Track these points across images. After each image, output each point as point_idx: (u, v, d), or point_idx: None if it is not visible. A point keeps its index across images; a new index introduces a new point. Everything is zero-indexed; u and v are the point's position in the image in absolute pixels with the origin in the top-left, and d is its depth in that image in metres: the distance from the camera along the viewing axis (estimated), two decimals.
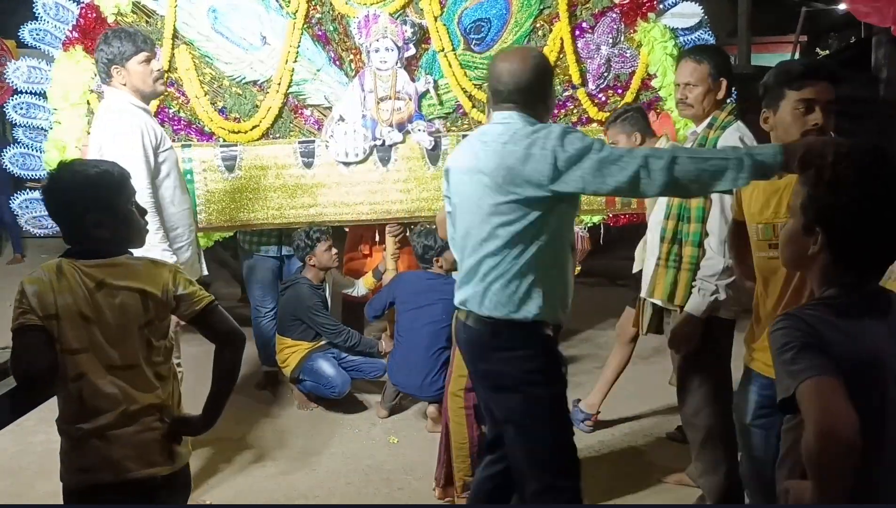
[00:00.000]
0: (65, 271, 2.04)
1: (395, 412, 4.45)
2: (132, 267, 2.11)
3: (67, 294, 2.02)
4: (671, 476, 3.65)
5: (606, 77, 4.34)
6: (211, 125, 4.17)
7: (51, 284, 2.02)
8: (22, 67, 4.09)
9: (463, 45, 4.22)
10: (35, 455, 3.79)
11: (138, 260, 2.16)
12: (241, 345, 2.24)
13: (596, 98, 4.34)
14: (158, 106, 4.05)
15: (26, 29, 4.11)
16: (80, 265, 2.05)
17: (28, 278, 2.05)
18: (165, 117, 4.09)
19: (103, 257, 2.09)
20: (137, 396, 2.07)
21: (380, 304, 4.39)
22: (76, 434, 2.05)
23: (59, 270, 2.04)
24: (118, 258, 2.11)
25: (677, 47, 4.28)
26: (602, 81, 4.33)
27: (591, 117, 4.33)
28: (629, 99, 4.34)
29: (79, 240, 2.10)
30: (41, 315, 1.99)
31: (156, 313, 2.11)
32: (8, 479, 3.67)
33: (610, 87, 4.36)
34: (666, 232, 3.13)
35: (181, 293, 2.14)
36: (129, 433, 2.05)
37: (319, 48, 4.14)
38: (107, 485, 2.05)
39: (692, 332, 3.02)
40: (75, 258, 2.07)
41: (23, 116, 4.10)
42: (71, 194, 2.07)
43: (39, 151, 4.08)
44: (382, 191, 4.17)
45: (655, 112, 4.36)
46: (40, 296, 2.00)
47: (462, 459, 3.21)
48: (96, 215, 2.07)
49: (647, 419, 4.42)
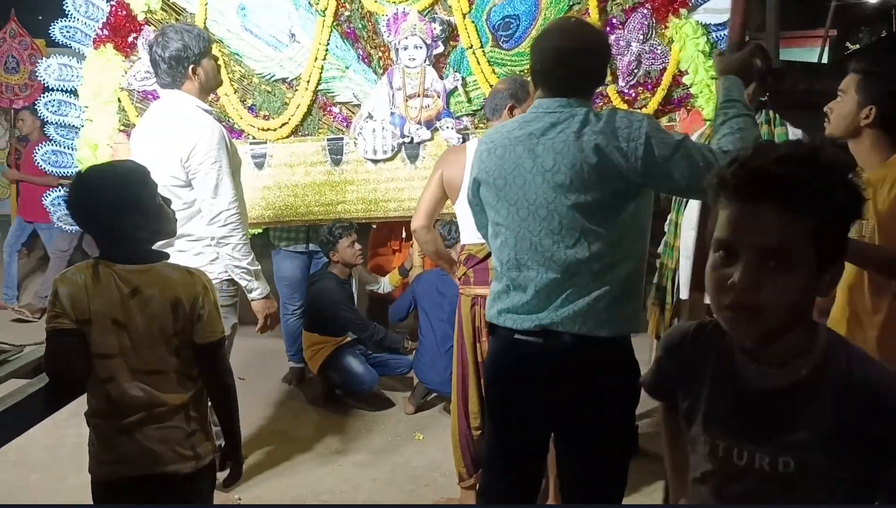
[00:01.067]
0: (100, 275, 2.04)
1: (422, 409, 4.46)
2: (167, 276, 2.11)
3: (101, 299, 2.03)
4: None
5: (637, 74, 4.30)
6: (240, 123, 4.18)
7: (85, 288, 2.02)
8: (53, 65, 4.12)
9: (491, 43, 4.21)
10: (67, 449, 3.85)
11: (174, 268, 2.15)
12: (230, 393, 2.25)
13: (626, 95, 4.30)
14: None
15: (57, 27, 4.15)
16: (116, 270, 2.05)
17: (61, 278, 2.05)
18: None
19: (139, 261, 2.09)
20: (165, 398, 2.09)
21: (403, 306, 4.42)
22: (103, 429, 2.08)
23: (94, 272, 2.04)
24: (155, 265, 2.11)
25: (709, 44, 4.24)
26: (632, 78, 4.30)
27: None
28: (660, 96, 4.30)
29: (114, 243, 2.08)
30: (74, 319, 2.01)
31: (183, 324, 2.11)
32: (42, 472, 3.73)
33: (640, 83, 4.32)
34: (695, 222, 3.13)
35: (204, 314, 2.12)
36: (154, 430, 2.08)
37: (348, 46, 4.14)
38: (132, 479, 2.07)
39: None
40: (111, 261, 2.07)
41: (54, 114, 4.13)
42: (108, 196, 2.05)
43: (71, 148, 4.12)
44: (410, 188, 4.17)
45: (686, 109, 4.33)
46: (74, 300, 2.01)
47: (456, 448, 3.27)
48: (134, 215, 2.06)
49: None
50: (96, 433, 2.10)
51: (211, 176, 3.06)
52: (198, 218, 3.15)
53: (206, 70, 3.17)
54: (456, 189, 3.17)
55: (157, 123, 3.17)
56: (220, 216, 3.09)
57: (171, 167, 3.06)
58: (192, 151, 3.04)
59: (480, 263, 3.17)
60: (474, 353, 3.18)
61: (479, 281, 3.17)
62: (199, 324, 2.12)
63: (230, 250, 3.13)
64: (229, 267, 3.14)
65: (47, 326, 2.03)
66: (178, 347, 2.10)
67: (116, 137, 4.09)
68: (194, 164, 3.05)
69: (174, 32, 3.13)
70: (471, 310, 3.19)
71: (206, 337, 2.13)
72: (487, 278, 3.14)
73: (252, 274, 3.19)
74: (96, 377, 2.05)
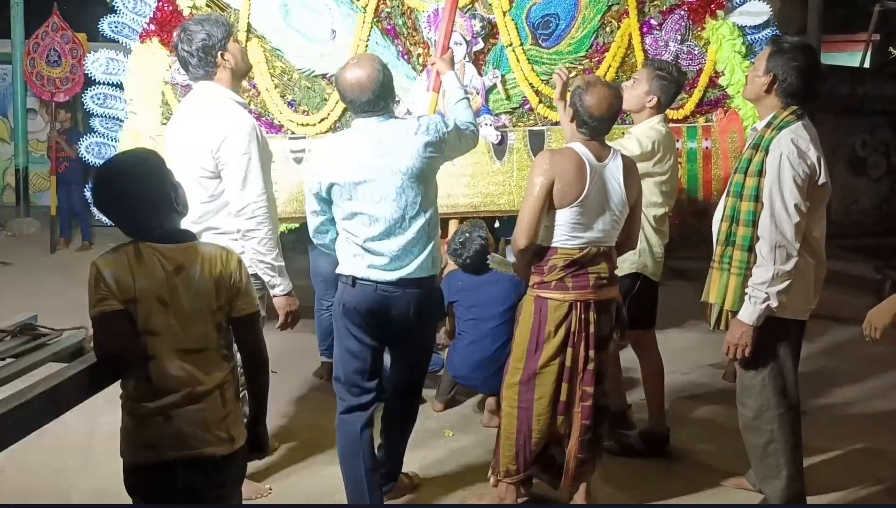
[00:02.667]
0: (143, 255, 2.06)
1: (451, 406, 4.46)
2: (207, 252, 2.15)
3: (146, 278, 2.05)
4: (730, 480, 3.60)
5: None
6: (280, 118, 4.23)
7: (129, 267, 2.04)
8: (101, 58, 4.21)
9: (531, 41, 4.21)
10: (103, 435, 3.89)
11: (211, 245, 2.21)
12: (265, 364, 2.29)
13: None
14: None
15: (105, 22, 4.23)
16: (158, 249, 2.08)
17: (101, 260, 2.06)
18: None
19: (178, 239, 2.12)
20: (203, 378, 2.10)
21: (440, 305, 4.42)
22: (140, 412, 2.08)
23: (136, 252, 2.06)
24: (193, 243, 2.15)
25: (745, 45, 4.22)
26: None
27: None
28: (696, 97, 4.28)
29: (153, 225, 2.10)
30: (120, 299, 2.02)
31: (225, 299, 2.15)
32: (78, 457, 3.79)
33: None
34: (720, 234, 3.09)
35: (242, 288, 2.17)
36: (191, 411, 2.09)
37: (388, 42, 4.17)
38: (168, 462, 2.08)
39: (745, 341, 2.98)
40: (152, 242, 2.09)
41: (100, 106, 4.22)
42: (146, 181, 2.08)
43: (115, 140, 4.19)
44: (447, 185, 4.18)
45: (723, 110, 4.30)
46: (119, 279, 2.02)
47: (508, 447, 3.23)
48: (171, 193, 2.11)
49: (706, 418, 4.37)
50: (132, 416, 2.11)
51: (240, 167, 3.03)
52: (224, 211, 3.14)
53: (234, 54, 3.15)
54: (569, 197, 3.04)
55: (190, 115, 3.17)
56: (247, 208, 3.07)
57: (201, 158, 3.06)
58: (222, 142, 3.03)
59: (580, 268, 3.09)
60: (561, 358, 3.12)
61: (578, 286, 3.08)
62: (238, 298, 2.16)
63: (256, 244, 3.09)
64: (254, 261, 3.09)
65: (93, 310, 2.03)
66: (220, 323, 2.14)
67: (159, 130, 4.14)
68: (224, 154, 3.03)
69: (194, 25, 3.13)
70: (566, 316, 3.09)
71: (244, 310, 2.18)
72: (588, 283, 3.09)
73: (276, 270, 3.17)
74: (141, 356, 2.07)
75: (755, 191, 2.95)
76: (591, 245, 3.09)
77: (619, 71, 4.23)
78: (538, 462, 3.27)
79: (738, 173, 3.04)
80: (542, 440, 3.19)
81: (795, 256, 2.91)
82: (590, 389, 3.13)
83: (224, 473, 2.17)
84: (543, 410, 3.16)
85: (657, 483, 3.64)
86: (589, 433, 3.16)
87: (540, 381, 3.15)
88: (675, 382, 4.98)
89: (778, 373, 3.07)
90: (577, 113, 3.08)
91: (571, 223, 3.06)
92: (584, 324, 3.10)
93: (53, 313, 2.84)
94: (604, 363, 3.18)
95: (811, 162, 2.91)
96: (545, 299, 3.13)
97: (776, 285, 2.90)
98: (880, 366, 5.33)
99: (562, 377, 3.13)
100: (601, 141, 3.13)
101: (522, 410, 3.18)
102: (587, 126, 3.07)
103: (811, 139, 2.94)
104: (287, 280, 3.24)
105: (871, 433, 4.22)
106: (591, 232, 3.09)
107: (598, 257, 3.11)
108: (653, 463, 3.86)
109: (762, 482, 3.19)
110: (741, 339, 2.99)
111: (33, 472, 3.61)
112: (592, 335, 3.11)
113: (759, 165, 2.95)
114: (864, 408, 4.61)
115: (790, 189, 2.88)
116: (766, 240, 2.91)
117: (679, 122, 4.29)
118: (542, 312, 3.13)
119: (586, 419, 3.14)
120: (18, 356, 2.30)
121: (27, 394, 1.93)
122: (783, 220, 2.89)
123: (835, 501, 3.48)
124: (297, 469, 3.74)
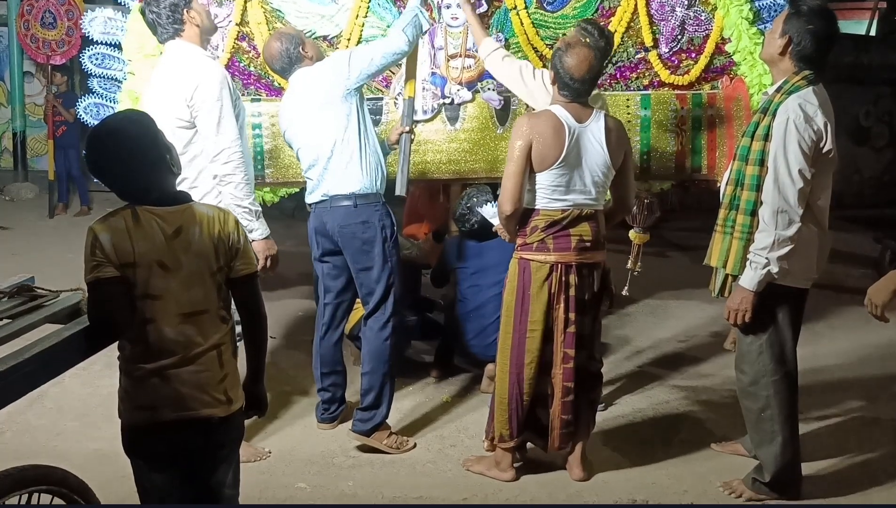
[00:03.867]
0: (141, 219, 2.04)
1: (451, 374, 4.47)
2: (205, 214, 2.14)
3: (145, 242, 2.03)
4: (726, 446, 3.63)
5: (680, 40, 4.23)
6: (279, 80, 4.16)
7: (127, 231, 2.02)
8: (99, 18, 4.12)
9: (535, 4, 4.13)
10: (102, 398, 3.92)
11: (208, 207, 2.20)
12: (264, 324, 2.29)
13: (668, 61, 4.22)
14: (229, 59, 4.06)
15: None
16: (157, 212, 2.06)
17: (98, 225, 2.04)
18: (236, 71, 4.10)
19: (175, 202, 2.11)
20: (201, 340, 2.10)
21: (443, 272, 4.41)
22: (137, 374, 2.08)
23: (134, 216, 2.04)
24: (190, 205, 2.13)
25: (752, 11, 4.15)
26: (675, 45, 4.22)
27: (663, 81, 4.23)
28: (702, 63, 4.23)
29: (150, 188, 2.08)
30: (118, 264, 2.00)
31: (225, 259, 2.14)
32: (77, 420, 3.82)
33: (683, 50, 4.24)
34: (725, 197, 3.09)
35: (240, 248, 2.17)
36: (188, 372, 2.09)
37: (390, 4, 4.09)
38: (165, 423, 2.08)
39: (745, 306, 2.99)
40: (149, 205, 2.07)
41: (98, 67, 4.15)
42: (142, 142, 2.07)
43: (113, 101, 4.13)
44: (449, 151, 4.14)
45: (729, 77, 4.26)
46: (116, 244, 2.01)
47: (501, 412, 3.26)
48: (166, 155, 2.10)
49: (704, 385, 4.39)
50: (129, 377, 2.11)
51: (213, 113, 3.20)
52: (200, 160, 3.27)
53: (198, 12, 3.33)
54: (549, 160, 3.05)
55: (164, 71, 3.34)
56: (222, 154, 3.22)
57: (176, 108, 3.22)
58: (195, 90, 3.19)
59: (562, 230, 3.12)
60: (546, 321, 3.16)
61: (560, 248, 3.12)
62: (236, 258, 2.16)
63: (232, 189, 3.23)
64: (230, 206, 3.14)
65: (88, 276, 2.02)
66: (219, 284, 2.14)
67: None
68: (198, 102, 3.20)
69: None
70: (547, 278, 3.12)
71: (243, 270, 2.18)
72: (569, 245, 3.12)
73: (253, 214, 3.29)
74: (135, 320, 2.05)
75: (760, 155, 2.94)
76: (574, 207, 3.12)
77: (625, 35, 4.19)
78: (530, 427, 3.29)
79: (746, 137, 3.03)
80: (531, 403, 3.23)
81: (798, 222, 2.89)
82: (570, 351, 3.17)
83: (222, 434, 2.17)
84: (532, 373, 3.19)
85: (655, 447, 3.67)
86: (570, 396, 3.20)
87: (529, 345, 3.17)
88: (675, 350, 5.01)
89: (776, 340, 3.08)
90: (557, 75, 3.08)
91: (552, 186, 3.08)
92: (565, 286, 3.13)
93: (52, 278, 2.83)
94: (584, 327, 3.20)
95: (818, 128, 2.89)
96: (528, 261, 3.17)
97: (777, 251, 2.89)
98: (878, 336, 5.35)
99: (546, 339, 3.16)
100: (583, 103, 3.13)
101: (513, 374, 3.22)
102: (568, 88, 3.07)
103: (820, 105, 2.92)
104: (264, 225, 3.38)
105: (868, 402, 4.24)
106: (573, 194, 3.11)
107: (581, 219, 3.13)
108: (649, 428, 3.89)
109: (757, 447, 3.21)
110: (741, 304, 2.99)
111: (33, 434, 3.64)
112: (573, 298, 3.14)
113: (766, 128, 2.94)
114: (862, 376, 4.63)
115: (795, 154, 2.87)
116: (769, 205, 2.90)
117: (684, 88, 4.24)
118: (525, 274, 3.17)
119: (568, 381, 3.18)
120: (15, 317, 2.28)
121: (23, 355, 1.91)
122: (786, 185, 2.87)
123: (829, 467, 3.51)
124: (296, 433, 3.76)
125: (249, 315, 2.26)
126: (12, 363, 1.87)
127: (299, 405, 4.04)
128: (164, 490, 2.14)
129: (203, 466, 2.18)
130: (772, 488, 3.15)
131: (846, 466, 3.52)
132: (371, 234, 3.47)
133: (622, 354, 4.91)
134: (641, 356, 4.89)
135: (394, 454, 3.54)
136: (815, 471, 3.41)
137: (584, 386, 3.26)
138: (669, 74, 4.22)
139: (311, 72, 3.50)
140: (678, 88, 4.23)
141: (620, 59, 4.21)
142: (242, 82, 4.13)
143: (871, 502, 3.23)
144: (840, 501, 3.23)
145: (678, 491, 3.29)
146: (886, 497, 3.27)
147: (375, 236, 3.48)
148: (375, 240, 3.48)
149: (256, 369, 2.31)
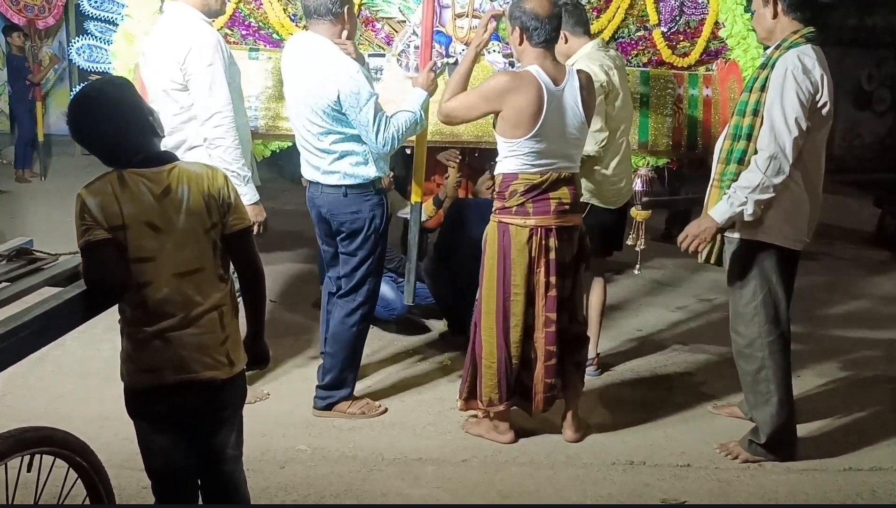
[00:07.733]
0: (127, 181, 2.03)
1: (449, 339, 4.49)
2: (192, 172, 2.12)
3: (133, 203, 2.02)
4: (723, 408, 3.66)
5: (678, 21, 4.25)
6: (282, 31, 4.09)
7: (114, 194, 2.01)
8: None
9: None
10: (103, 361, 3.92)
11: (194, 165, 2.18)
12: (261, 278, 2.27)
13: (669, 40, 4.24)
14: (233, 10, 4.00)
15: None
16: (143, 173, 2.05)
17: (86, 190, 2.03)
18: (236, 21, 4.04)
19: (161, 162, 2.09)
20: (201, 299, 2.09)
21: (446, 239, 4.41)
22: (138, 337, 2.08)
23: (120, 179, 2.03)
24: (176, 164, 2.12)
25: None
26: (674, 25, 4.25)
27: (663, 59, 4.25)
28: (700, 46, 4.28)
29: (134, 151, 2.07)
30: (107, 227, 1.99)
31: (218, 216, 2.12)
32: (78, 383, 3.82)
33: (680, 31, 4.27)
34: (721, 152, 3.10)
35: (232, 203, 2.15)
36: (189, 334, 2.08)
37: None
38: (169, 385, 2.08)
39: (705, 236, 3.01)
40: (135, 168, 2.06)
41: (97, 10, 4.08)
42: (125, 106, 2.06)
43: (107, 43, 4.06)
44: None
45: (723, 61, 4.28)
46: (104, 208, 2.00)
47: (490, 377, 3.27)
48: (148, 116, 2.09)
49: (703, 350, 4.41)
50: (131, 340, 2.11)
51: (205, 77, 3.21)
52: (194, 123, 3.28)
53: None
54: (527, 126, 3.06)
55: (161, 32, 3.35)
56: (213, 118, 3.23)
57: (170, 71, 3.25)
58: (188, 54, 3.21)
59: (541, 193, 3.12)
60: (527, 284, 3.16)
61: (539, 211, 3.12)
62: (229, 214, 2.14)
63: (221, 152, 3.24)
64: None
65: (80, 241, 2.01)
66: (214, 241, 2.13)
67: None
68: (190, 65, 3.21)
69: None
70: (528, 241, 3.13)
71: (236, 225, 2.16)
72: (549, 208, 3.12)
73: (242, 178, 3.28)
74: (132, 283, 2.05)
75: (756, 106, 2.96)
76: (553, 170, 3.12)
77: (628, 13, 4.16)
78: (518, 391, 3.31)
79: (745, 92, 3.06)
80: (518, 367, 3.24)
81: (787, 172, 2.92)
82: (552, 315, 3.18)
83: (224, 397, 2.18)
84: (518, 337, 3.20)
85: (651, 409, 3.71)
86: (553, 359, 3.21)
87: (514, 309, 3.18)
88: (673, 315, 5.03)
89: (770, 301, 3.11)
90: (523, 27, 3.06)
91: (531, 151, 3.09)
92: (545, 250, 3.14)
93: (51, 240, 2.82)
94: (565, 290, 3.21)
95: (815, 80, 2.92)
96: (507, 225, 3.17)
97: (758, 194, 2.91)
98: (874, 299, 5.38)
99: (529, 302, 3.18)
100: (556, 59, 3.15)
101: (500, 338, 3.22)
102: (538, 31, 3.05)
103: (818, 59, 2.94)
104: (253, 190, 3.39)
105: (863, 363, 4.29)
106: (552, 158, 3.12)
107: (560, 182, 3.14)
108: (647, 391, 3.91)
109: (753, 408, 3.24)
110: (703, 233, 3.01)
111: (34, 397, 3.65)
112: (553, 261, 3.15)
113: (763, 81, 2.97)
114: (858, 338, 4.66)
115: (791, 102, 2.89)
116: (764, 150, 2.92)
117: (683, 69, 4.29)
118: (505, 237, 3.17)
119: (550, 344, 3.20)
120: (13, 280, 2.29)
121: (23, 317, 1.90)
122: (782, 132, 2.89)
123: (824, 427, 3.54)
124: (296, 396, 3.76)
125: (247, 271, 2.24)
126: (12, 325, 1.86)
127: (299, 369, 4.05)
128: (168, 452, 2.15)
129: (206, 428, 2.19)
130: (768, 449, 3.18)
131: (839, 426, 3.56)
132: (359, 225, 3.41)
133: (620, 318, 4.93)
134: (639, 320, 4.92)
135: (360, 419, 3.53)
136: (809, 433, 3.45)
137: (569, 349, 3.29)
138: (671, 54, 4.25)
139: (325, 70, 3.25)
140: (676, 67, 4.27)
141: (621, 36, 4.22)
142: (241, 34, 4.07)
143: (862, 461, 3.27)
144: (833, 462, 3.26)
145: (675, 453, 3.32)
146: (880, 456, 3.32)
147: (363, 227, 3.41)
148: (363, 230, 3.41)
149: (256, 325, 2.30)
